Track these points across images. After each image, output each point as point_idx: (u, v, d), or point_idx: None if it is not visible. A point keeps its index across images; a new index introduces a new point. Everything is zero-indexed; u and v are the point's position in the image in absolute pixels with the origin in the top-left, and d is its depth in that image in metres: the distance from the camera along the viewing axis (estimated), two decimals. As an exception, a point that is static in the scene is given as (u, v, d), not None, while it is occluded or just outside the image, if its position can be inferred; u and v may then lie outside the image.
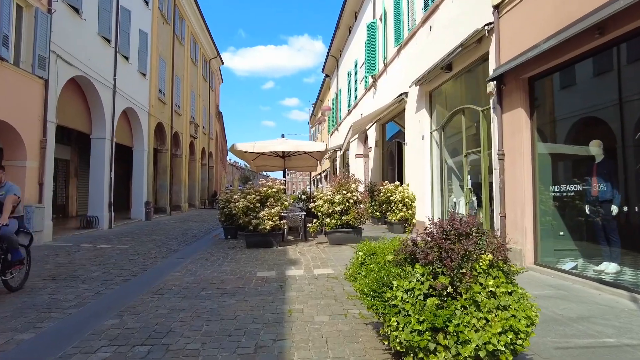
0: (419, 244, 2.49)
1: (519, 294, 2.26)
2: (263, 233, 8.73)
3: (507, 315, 2.11)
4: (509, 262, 2.38)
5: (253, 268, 6.65)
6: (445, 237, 2.33)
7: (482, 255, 2.27)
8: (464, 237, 2.32)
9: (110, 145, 13.60)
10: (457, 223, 2.36)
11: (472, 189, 8.50)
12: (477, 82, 8.44)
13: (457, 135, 9.39)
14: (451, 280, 2.20)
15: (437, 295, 2.20)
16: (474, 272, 2.21)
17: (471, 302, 2.14)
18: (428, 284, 2.23)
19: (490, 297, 2.18)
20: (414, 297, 2.23)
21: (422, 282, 2.25)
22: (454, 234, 2.35)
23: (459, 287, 2.18)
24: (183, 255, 8.33)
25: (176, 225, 15.52)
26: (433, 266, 2.29)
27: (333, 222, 8.98)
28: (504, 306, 2.15)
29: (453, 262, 2.19)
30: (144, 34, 16.80)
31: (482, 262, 2.25)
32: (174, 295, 5.06)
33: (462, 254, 2.21)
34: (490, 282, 2.19)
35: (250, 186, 9.34)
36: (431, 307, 2.14)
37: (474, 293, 2.13)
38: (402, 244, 2.62)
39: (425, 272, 2.28)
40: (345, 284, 5.37)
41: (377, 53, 15.12)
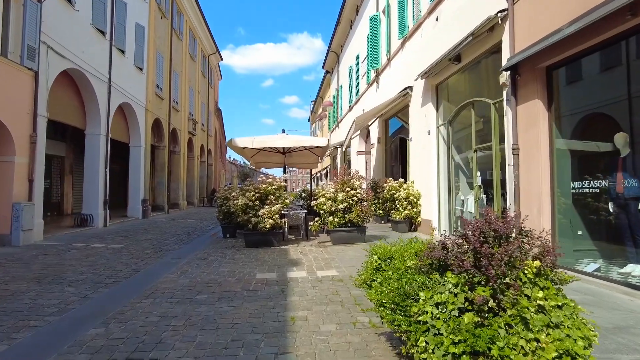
0: (450, 247, 2.11)
1: (571, 307, 1.88)
2: (263, 232, 8.34)
3: (561, 335, 1.74)
4: (557, 268, 2.00)
5: (252, 269, 6.27)
6: (483, 240, 1.95)
7: (527, 261, 1.89)
8: (504, 239, 1.94)
9: (105, 141, 13.19)
10: (496, 222, 1.98)
11: (481, 186, 8.11)
12: (488, 74, 8.05)
13: (466, 130, 9.00)
14: (492, 293, 1.82)
15: (475, 311, 1.83)
16: (519, 282, 1.83)
17: (518, 319, 1.76)
18: (463, 296, 1.85)
19: (539, 312, 1.80)
20: (446, 312, 1.85)
21: (455, 294, 1.87)
22: (492, 235, 1.97)
23: (502, 300, 1.80)
24: (179, 255, 7.95)
25: (174, 223, 15.13)
26: (469, 275, 1.90)
27: (336, 221, 8.60)
28: (555, 324, 1.77)
29: (495, 270, 1.81)
30: (141, 27, 16.37)
31: (528, 270, 1.87)
32: (166, 299, 4.68)
33: (505, 260, 1.83)
34: (539, 294, 1.81)
35: (249, 183, 8.95)
36: (469, 325, 1.77)
37: (521, 308, 1.75)
38: (428, 248, 2.23)
39: (460, 282, 1.90)
40: (352, 287, 4.99)
41: (380, 47, 14.71)
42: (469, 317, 1.79)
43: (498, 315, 1.81)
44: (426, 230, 10.10)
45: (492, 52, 7.60)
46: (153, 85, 18.19)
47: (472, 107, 8.34)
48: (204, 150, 30.14)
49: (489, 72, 8.01)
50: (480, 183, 8.09)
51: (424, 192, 10.48)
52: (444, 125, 9.73)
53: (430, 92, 10.10)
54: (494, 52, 7.57)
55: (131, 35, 15.45)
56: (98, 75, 12.56)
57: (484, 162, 8.22)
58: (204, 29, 27.77)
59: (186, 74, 24.31)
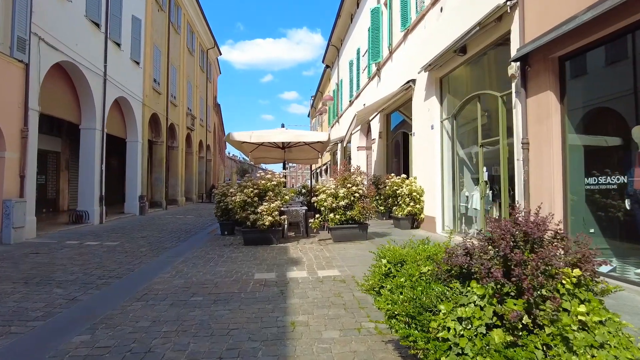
0: (473, 252, 1.84)
1: (616, 322, 1.63)
2: (262, 229, 8.08)
3: (608, 357, 1.48)
4: (598, 277, 1.74)
5: (250, 269, 6.01)
6: (514, 244, 1.69)
7: (564, 269, 1.64)
8: (537, 243, 1.68)
9: (100, 136, 12.90)
10: (527, 224, 1.72)
11: (487, 182, 7.85)
12: (496, 65, 7.77)
13: (471, 124, 8.73)
14: (527, 307, 1.57)
15: (505, 327, 1.57)
16: (556, 294, 1.57)
17: (558, 339, 1.51)
18: (491, 309, 1.60)
19: (581, 329, 1.54)
20: (472, 328, 1.59)
21: (482, 307, 1.62)
22: (523, 238, 1.71)
23: (539, 316, 1.55)
24: (175, 253, 7.69)
25: (171, 220, 14.87)
26: (497, 285, 1.65)
27: (337, 218, 8.35)
28: (600, 343, 1.52)
29: (531, 281, 1.55)
30: (137, 20, 16.02)
31: (567, 280, 1.62)
32: (159, 302, 4.42)
33: (541, 268, 1.57)
34: (581, 309, 1.55)
35: (247, 179, 8.68)
36: (499, 344, 1.51)
37: (562, 326, 1.50)
38: (447, 253, 1.97)
39: (487, 293, 1.64)
40: (354, 289, 4.74)
41: (381, 39, 14.39)
42: (499, 335, 1.54)
43: (533, 333, 1.56)
44: (430, 227, 9.85)
45: (500, 43, 7.31)
46: (150, 80, 17.87)
47: (478, 101, 8.07)
48: (203, 146, 29.83)
49: (496, 64, 7.72)
50: (486, 179, 7.83)
51: (427, 188, 10.22)
52: (448, 120, 9.46)
53: (434, 85, 9.81)
54: (501, 43, 7.28)
55: (127, 29, 15.11)
56: (93, 68, 12.24)
57: (490, 157, 7.96)
58: (202, 23, 27.38)
59: (184, 68, 23.97)
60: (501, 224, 1.81)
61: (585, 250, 1.72)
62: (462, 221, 9.04)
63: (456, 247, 2.00)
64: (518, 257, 1.61)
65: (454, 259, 1.87)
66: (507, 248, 1.67)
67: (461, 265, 1.83)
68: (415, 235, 7.13)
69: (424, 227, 10.19)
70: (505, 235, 1.73)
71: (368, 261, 6.57)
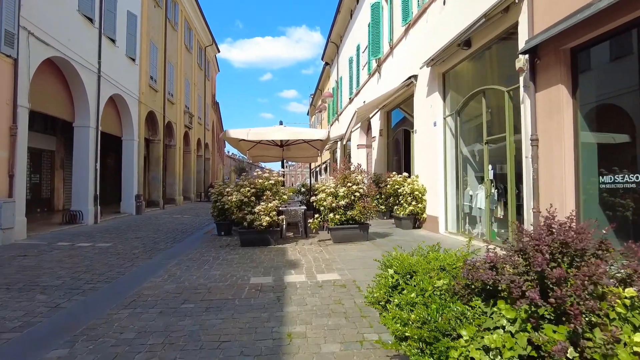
0: (500, 267, 1.56)
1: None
2: (259, 230, 7.80)
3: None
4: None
5: (246, 272, 5.73)
6: (551, 257, 1.41)
7: (613, 288, 1.36)
8: (577, 255, 1.40)
9: (95, 134, 12.60)
10: (567, 232, 1.44)
11: (493, 180, 7.57)
12: (502, 59, 7.48)
13: (476, 120, 8.45)
14: (572, 336, 1.29)
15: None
16: (606, 320, 1.29)
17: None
18: (525, 338, 1.32)
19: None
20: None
21: (514, 333, 1.34)
22: (560, 249, 1.43)
23: (587, 347, 1.27)
24: (169, 255, 7.41)
25: (168, 219, 14.59)
26: (532, 307, 1.36)
27: (337, 218, 8.06)
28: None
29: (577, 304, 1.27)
30: (133, 16, 15.70)
31: (618, 302, 1.34)
32: (148, 309, 4.14)
33: (589, 289, 1.29)
34: (637, 338, 1.27)
35: (244, 178, 8.39)
36: (537, 383, 1.23)
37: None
38: (468, 266, 1.68)
39: (519, 317, 1.36)
40: (356, 295, 4.46)
41: (381, 35, 14.09)
42: (537, 371, 1.26)
43: (579, 368, 1.28)
44: (432, 227, 9.57)
45: (506, 36, 7.02)
46: (146, 77, 17.56)
47: (483, 96, 7.78)
48: (201, 144, 29.52)
49: (502, 58, 7.44)
50: (491, 177, 7.55)
51: (429, 187, 9.93)
52: (451, 116, 9.17)
53: (436, 80, 9.51)
54: (508, 36, 6.99)
55: (122, 24, 14.80)
56: (86, 65, 11.94)
57: (495, 154, 7.68)
58: (200, 20, 27.04)
59: (182, 65, 23.64)
60: (534, 232, 1.53)
61: (637, 264, 1.44)
62: (465, 221, 8.77)
63: (481, 259, 1.70)
64: (559, 274, 1.33)
65: (477, 273, 1.59)
66: (544, 263, 1.38)
67: (486, 281, 1.55)
68: (422, 238, 6.83)
69: (426, 227, 9.91)
70: (541, 247, 1.44)
71: (370, 263, 6.31)
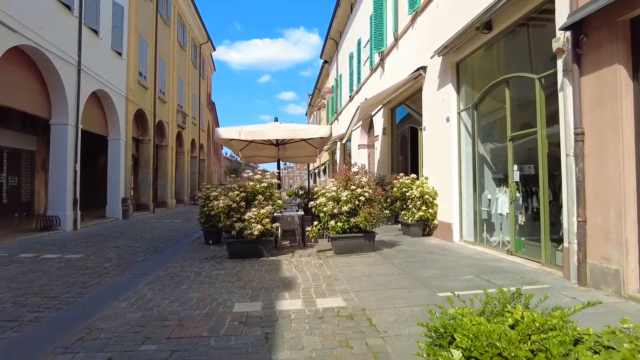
0: None
1: None
2: (249, 240, 6.79)
3: None
4: None
5: (231, 295, 4.72)
6: None
7: None
8: None
9: (74, 132, 11.58)
10: None
11: (519, 182, 6.57)
12: (530, 42, 6.50)
13: (497, 113, 7.48)
14: None
15: None
16: None
17: None
18: None
19: None
20: None
21: None
22: None
23: None
24: (146, 269, 6.40)
25: (156, 225, 13.57)
26: None
27: (339, 226, 7.06)
28: None
29: None
30: (119, 7, 14.70)
31: None
32: (93, 354, 3.13)
33: None
34: None
35: (233, 180, 7.39)
36: None
37: None
38: None
39: None
40: (367, 331, 3.45)
41: (385, 26, 13.10)
42: None
43: None
44: (444, 235, 8.57)
45: (536, 15, 6.04)
46: (135, 73, 16.55)
47: (507, 86, 6.79)
48: (195, 145, 28.51)
49: (531, 40, 6.46)
50: (517, 179, 6.55)
51: (441, 189, 8.93)
52: (466, 111, 8.18)
53: (449, 71, 8.52)
54: (538, 14, 6.01)
55: (107, 15, 13.80)
56: (63, 56, 10.92)
57: (522, 152, 6.70)
58: (194, 17, 26.07)
59: (174, 63, 22.64)
60: None
61: None
62: (483, 228, 7.77)
63: None
64: None
65: None
66: None
67: None
68: (436, 248, 5.80)
69: (438, 235, 8.91)
70: None
71: (380, 282, 5.29)
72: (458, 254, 7.01)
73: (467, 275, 5.38)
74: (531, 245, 6.61)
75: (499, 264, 6.12)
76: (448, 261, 6.38)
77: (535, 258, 6.07)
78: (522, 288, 4.38)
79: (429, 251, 7.33)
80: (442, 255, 6.86)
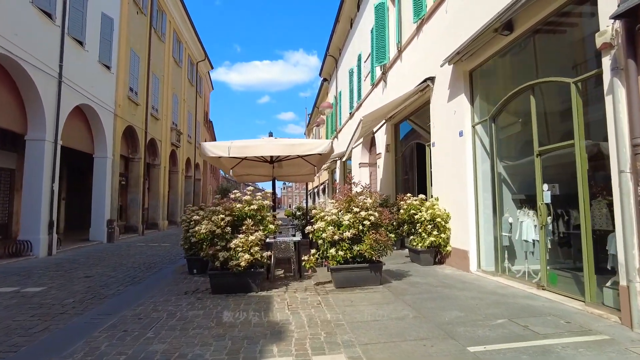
0: None
1: None
2: (236, 272, 5.78)
3: None
4: None
5: (204, 348, 3.70)
6: None
7: None
8: None
9: (52, 148, 10.67)
10: None
11: (549, 204, 5.62)
12: (562, 42, 5.67)
13: (519, 126, 6.61)
14: None
15: None
16: None
17: None
18: None
19: None
20: None
21: None
22: None
23: None
24: (112, 307, 5.39)
25: (141, 249, 12.53)
26: None
27: (340, 255, 6.07)
28: None
29: None
30: (108, 19, 14.04)
31: None
32: None
33: None
34: None
35: (218, 201, 6.43)
36: None
37: None
38: None
39: None
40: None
41: (387, 38, 12.40)
42: None
43: None
44: (459, 264, 7.57)
45: (568, 10, 5.24)
46: (125, 88, 15.78)
47: (532, 93, 5.92)
48: (191, 164, 27.63)
49: (564, 39, 5.64)
50: (548, 200, 5.60)
51: (454, 212, 7.97)
52: (483, 123, 7.31)
53: (462, 80, 7.69)
54: (571, 10, 5.20)
55: (94, 26, 13.10)
56: (42, 67, 10.12)
57: (553, 169, 5.79)
58: (190, 33, 25.59)
59: (169, 79, 21.98)
60: None
61: None
62: (504, 257, 6.78)
63: None
64: None
65: None
66: None
67: None
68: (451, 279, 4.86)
69: (451, 263, 7.91)
70: None
71: (391, 331, 4.10)
72: (479, 288, 6.00)
73: (498, 319, 4.38)
74: (567, 278, 5.63)
75: (531, 302, 5.11)
76: (470, 298, 5.37)
77: (576, 295, 5.08)
78: (575, 340, 3.23)
79: (444, 284, 6.32)
80: (461, 290, 5.85)
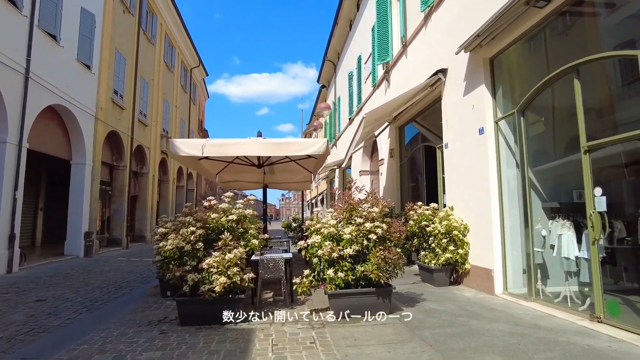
0: None
1: None
2: (209, 299, 4.57)
3: None
4: None
5: None
6: None
7: None
8: None
9: (15, 152, 9.51)
10: None
11: (604, 213, 4.46)
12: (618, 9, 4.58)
13: (557, 118, 5.48)
14: None
15: None
16: None
17: None
18: None
19: None
20: None
21: None
22: None
23: None
24: (47, 346, 4.18)
25: (119, 265, 11.29)
26: None
27: (340, 277, 4.87)
28: None
29: None
30: (89, 15, 13.01)
31: None
32: None
33: None
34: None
35: (188, 210, 5.26)
36: None
37: None
38: None
39: None
40: None
41: (390, 34, 11.38)
42: None
43: None
44: (481, 285, 6.38)
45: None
46: (108, 90, 14.69)
47: (577, 76, 4.81)
48: (183, 174, 26.46)
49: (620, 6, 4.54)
50: (603, 208, 4.44)
51: (473, 223, 6.81)
52: (508, 118, 6.19)
53: (481, 70, 6.60)
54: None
55: (72, 21, 12.05)
56: (5, 60, 9.02)
57: (607, 170, 4.65)
58: (184, 38, 24.67)
59: (160, 84, 20.93)
60: None
61: None
62: (537, 277, 5.60)
63: None
64: None
65: None
66: None
67: None
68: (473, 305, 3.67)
69: (471, 284, 6.71)
70: None
71: None
72: (513, 318, 4.80)
73: (557, 370, 3.18)
74: (633, 308, 4.44)
75: (591, 341, 3.91)
76: (507, 334, 4.17)
77: (648, 332, 3.89)
78: None
79: (468, 313, 5.12)
80: (491, 322, 4.65)
